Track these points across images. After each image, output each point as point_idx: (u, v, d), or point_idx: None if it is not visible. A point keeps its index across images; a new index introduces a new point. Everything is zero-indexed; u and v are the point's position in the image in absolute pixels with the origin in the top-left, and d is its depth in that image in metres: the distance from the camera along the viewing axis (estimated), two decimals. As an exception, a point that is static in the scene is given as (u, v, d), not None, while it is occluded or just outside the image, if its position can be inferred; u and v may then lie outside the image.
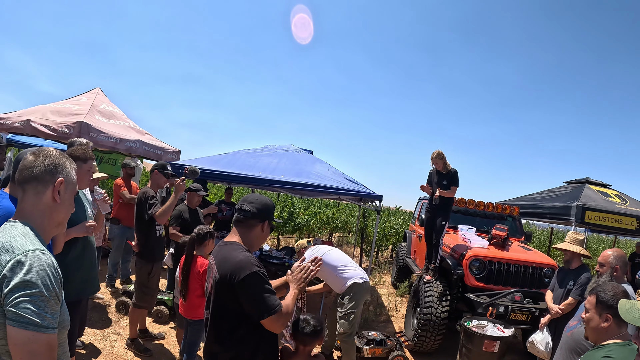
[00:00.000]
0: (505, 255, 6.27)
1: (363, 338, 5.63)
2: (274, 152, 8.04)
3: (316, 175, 6.82)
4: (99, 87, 9.06)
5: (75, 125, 6.81)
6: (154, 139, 8.87)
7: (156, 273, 4.97)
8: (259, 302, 2.10)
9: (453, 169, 6.42)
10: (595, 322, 2.29)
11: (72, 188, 1.71)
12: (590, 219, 7.67)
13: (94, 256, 3.51)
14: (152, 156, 8.60)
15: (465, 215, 8.11)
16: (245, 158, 7.39)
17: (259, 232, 2.38)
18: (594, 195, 8.52)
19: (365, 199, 7.05)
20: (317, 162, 7.67)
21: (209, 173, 6.46)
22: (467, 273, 6.11)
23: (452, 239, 6.97)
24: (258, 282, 2.13)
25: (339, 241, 16.94)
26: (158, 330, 5.51)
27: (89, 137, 6.62)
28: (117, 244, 6.81)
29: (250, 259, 2.18)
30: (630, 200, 9.09)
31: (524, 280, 6.12)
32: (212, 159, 7.25)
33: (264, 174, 6.53)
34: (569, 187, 9.63)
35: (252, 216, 2.34)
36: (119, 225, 6.82)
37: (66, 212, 1.71)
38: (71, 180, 1.70)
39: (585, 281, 4.51)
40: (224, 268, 2.17)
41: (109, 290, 6.66)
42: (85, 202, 3.41)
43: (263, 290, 2.13)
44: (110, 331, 5.34)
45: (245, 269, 2.12)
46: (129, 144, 7.73)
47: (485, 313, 5.49)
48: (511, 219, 8.30)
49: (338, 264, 5.02)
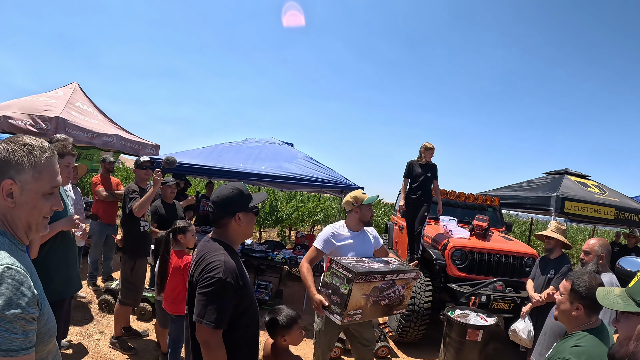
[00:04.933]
0: (487, 245, 6.33)
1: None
2: (255, 145, 7.99)
3: (297, 167, 6.79)
4: (76, 82, 8.87)
5: (52, 120, 6.66)
6: (131, 134, 8.74)
7: (140, 269, 4.91)
8: (204, 305, 2.03)
9: (434, 162, 6.61)
10: (565, 307, 2.34)
11: (36, 188, 1.44)
12: (570, 209, 7.78)
13: (75, 254, 3.44)
14: (130, 151, 8.47)
15: (446, 207, 8.17)
16: (225, 152, 7.33)
17: (235, 226, 2.27)
18: (573, 185, 8.64)
19: (346, 191, 7.04)
20: (298, 155, 7.64)
21: (188, 167, 6.39)
22: (449, 263, 6.16)
23: (434, 229, 7.02)
24: (218, 290, 2.04)
25: (320, 234, 16.96)
26: (142, 327, 5.44)
27: (65, 132, 6.48)
28: (96, 241, 6.70)
29: (227, 266, 2.09)
30: (609, 190, 9.24)
31: (505, 270, 6.20)
32: (191, 153, 7.18)
33: (244, 167, 6.48)
34: (549, 178, 9.74)
35: (218, 216, 2.27)
36: (97, 221, 6.72)
37: (32, 214, 1.46)
38: (28, 181, 1.42)
39: (566, 270, 4.56)
40: (199, 266, 2.13)
41: (91, 288, 6.55)
42: (65, 198, 3.34)
43: (217, 298, 2.04)
44: (93, 330, 5.24)
45: (215, 272, 2.05)
46: (106, 138, 7.59)
47: (468, 302, 5.54)
48: (492, 210, 8.39)
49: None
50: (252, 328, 2.26)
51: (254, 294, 2.32)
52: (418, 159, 6.61)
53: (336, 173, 6.89)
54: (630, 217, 8.37)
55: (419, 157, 6.60)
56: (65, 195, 3.41)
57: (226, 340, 2.10)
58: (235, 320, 2.15)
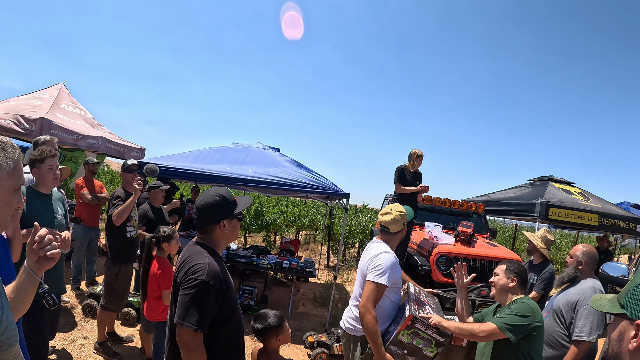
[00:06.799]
0: (471, 251, 6.38)
1: (333, 335, 5.64)
2: (241, 150, 7.96)
3: (283, 172, 6.78)
4: (62, 83, 8.80)
5: (37, 121, 6.60)
6: (117, 137, 8.69)
7: (124, 275, 4.85)
8: (186, 307, 2.02)
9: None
10: (503, 281, 2.95)
11: (9, 185, 1.39)
12: (554, 216, 7.88)
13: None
14: (115, 154, 8.42)
15: (431, 213, 8.22)
16: (210, 156, 7.29)
17: (219, 232, 2.27)
18: (558, 192, 8.75)
19: (332, 197, 7.05)
20: (284, 160, 7.63)
21: (174, 171, 6.35)
22: (434, 269, 6.19)
23: (419, 235, 7.05)
24: (201, 292, 2.03)
25: (306, 239, 16.93)
26: (126, 333, 5.38)
27: (50, 133, 6.41)
28: (79, 244, 6.62)
29: (210, 269, 2.08)
30: (593, 197, 9.38)
31: (490, 275, 6.21)
32: (177, 156, 7.14)
33: (229, 172, 6.45)
34: (533, 185, 9.86)
35: (202, 222, 2.27)
36: (81, 225, 6.65)
37: (4, 210, 1.40)
38: (3, 177, 1.36)
39: (548, 276, 4.60)
40: (183, 268, 2.13)
41: (74, 292, 6.46)
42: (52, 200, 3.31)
43: (199, 301, 2.03)
44: (77, 335, 5.17)
45: (199, 274, 2.04)
46: (91, 140, 7.53)
47: (453, 308, 5.56)
48: (477, 216, 8.46)
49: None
50: (236, 332, 2.25)
51: (237, 299, 2.31)
52: (409, 165, 6.62)
53: (322, 178, 6.90)
54: (614, 223, 8.50)
55: (410, 164, 6.61)
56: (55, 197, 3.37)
57: (210, 345, 2.09)
58: (219, 324, 2.14)
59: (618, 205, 10.78)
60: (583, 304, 3.43)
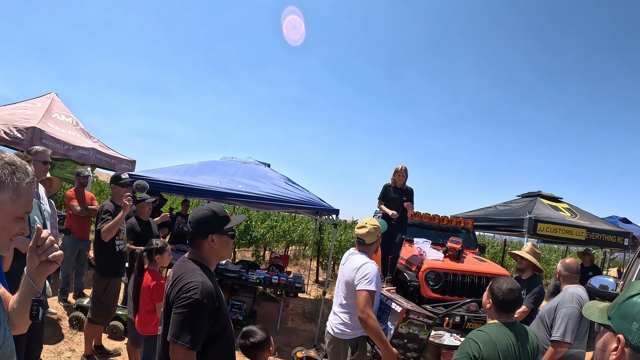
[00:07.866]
0: (460, 266, 6.42)
1: (321, 351, 5.61)
2: (231, 165, 7.97)
3: (273, 188, 6.79)
4: (54, 92, 8.77)
5: (28, 130, 6.57)
6: (108, 148, 8.66)
7: (113, 288, 4.81)
8: (179, 326, 2.01)
9: (410, 187, 6.68)
10: (484, 301, 2.74)
11: (11, 211, 1.35)
12: (542, 231, 7.96)
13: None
14: (106, 165, 8.39)
15: (420, 229, 8.25)
16: (201, 170, 7.29)
17: (208, 247, 2.26)
18: (546, 209, 8.84)
19: (321, 212, 7.05)
20: (274, 175, 7.64)
21: (164, 184, 6.34)
22: (423, 285, 6.21)
23: (408, 251, 7.07)
24: (195, 310, 2.02)
25: (295, 254, 16.86)
26: (113, 346, 5.32)
27: (41, 143, 6.40)
28: (68, 256, 6.53)
29: (204, 287, 2.07)
30: (580, 213, 9.47)
31: (478, 291, 6.27)
32: (168, 170, 7.12)
33: (219, 187, 6.46)
34: (522, 201, 9.95)
35: (192, 236, 2.27)
36: (70, 236, 6.59)
37: (0, 234, 1.36)
38: (5, 201, 1.32)
39: (538, 290, 4.65)
40: (176, 286, 2.12)
41: (62, 304, 6.39)
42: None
43: (192, 319, 2.02)
44: (64, 347, 5.11)
45: (192, 293, 2.03)
46: (81, 151, 7.51)
47: (442, 323, 5.57)
48: (465, 232, 8.49)
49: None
50: (227, 348, 2.25)
51: (229, 315, 2.31)
52: (391, 182, 6.67)
53: (311, 194, 6.90)
54: (602, 237, 8.62)
55: (392, 180, 6.67)
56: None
57: (203, 352, 2.09)
58: (211, 341, 2.13)
59: (607, 219, 10.91)
60: (560, 308, 3.62)
